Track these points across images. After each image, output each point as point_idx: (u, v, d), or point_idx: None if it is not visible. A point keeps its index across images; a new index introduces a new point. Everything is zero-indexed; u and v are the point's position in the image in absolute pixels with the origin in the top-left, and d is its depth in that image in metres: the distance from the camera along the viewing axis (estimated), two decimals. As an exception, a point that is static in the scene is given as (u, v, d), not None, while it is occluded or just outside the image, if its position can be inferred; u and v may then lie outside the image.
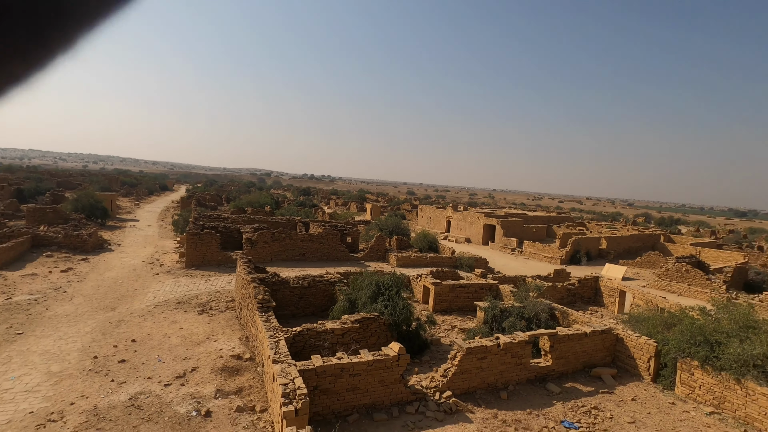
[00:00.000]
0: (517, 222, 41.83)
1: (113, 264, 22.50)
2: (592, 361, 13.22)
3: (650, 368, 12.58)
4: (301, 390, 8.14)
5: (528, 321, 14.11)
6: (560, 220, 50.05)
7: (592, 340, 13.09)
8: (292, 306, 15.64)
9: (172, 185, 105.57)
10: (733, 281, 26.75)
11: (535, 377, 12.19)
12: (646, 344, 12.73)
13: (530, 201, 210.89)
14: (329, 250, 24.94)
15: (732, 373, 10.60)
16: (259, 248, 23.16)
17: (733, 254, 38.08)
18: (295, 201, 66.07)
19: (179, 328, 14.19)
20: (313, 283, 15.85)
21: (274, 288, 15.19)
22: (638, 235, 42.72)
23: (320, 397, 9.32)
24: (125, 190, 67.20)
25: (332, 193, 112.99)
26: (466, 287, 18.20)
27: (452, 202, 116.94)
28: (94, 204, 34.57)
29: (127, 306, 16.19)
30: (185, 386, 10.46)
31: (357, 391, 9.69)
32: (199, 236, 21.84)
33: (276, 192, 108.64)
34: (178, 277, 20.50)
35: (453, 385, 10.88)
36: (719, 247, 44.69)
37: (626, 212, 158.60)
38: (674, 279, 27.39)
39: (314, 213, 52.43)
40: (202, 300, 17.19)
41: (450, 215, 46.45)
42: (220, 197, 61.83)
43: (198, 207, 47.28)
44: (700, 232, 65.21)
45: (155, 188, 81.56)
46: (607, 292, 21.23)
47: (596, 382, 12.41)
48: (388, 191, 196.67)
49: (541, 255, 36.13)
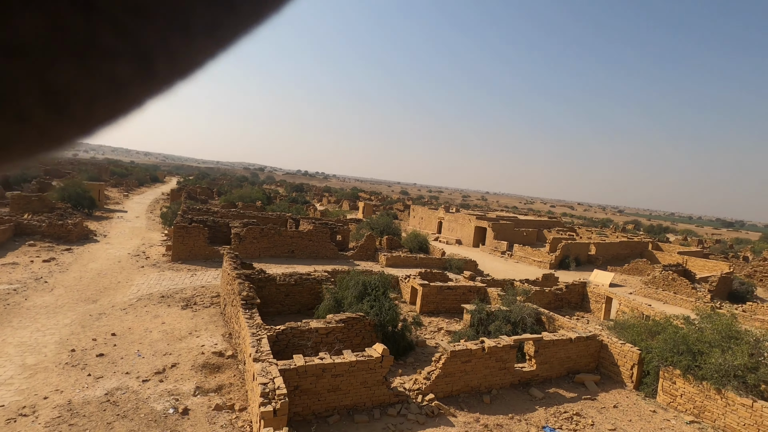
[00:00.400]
0: (508, 225, 41.96)
1: (98, 255, 22.11)
2: (576, 367, 13.25)
3: (633, 376, 12.64)
4: (280, 390, 8.02)
5: (514, 325, 14.10)
6: (551, 225, 50.33)
7: (576, 346, 13.12)
8: (278, 303, 15.47)
9: (164, 177, 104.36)
10: (717, 290, 27.08)
11: (519, 382, 12.18)
12: (629, 352, 12.78)
13: (522, 205, 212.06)
14: (319, 248, 24.76)
15: (713, 383, 10.67)
16: (247, 244, 22.92)
17: (718, 264, 38.56)
18: (287, 197, 65.69)
19: (161, 323, 13.95)
20: (300, 280, 15.69)
21: (259, 285, 15.01)
22: (627, 242, 43.09)
23: (301, 398, 9.20)
24: (115, 180, 66.26)
25: (325, 191, 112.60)
26: (454, 289, 18.16)
27: (445, 203, 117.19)
28: (81, 193, 33.97)
29: (109, 298, 15.89)
30: (164, 382, 10.26)
31: (339, 391, 9.58)
32: (187, 229, 21.54)
33: (268, 187, 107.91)
34: (163, 271, 20.19)
35: (436, 387, 10.82)
36: (706, 256, 45.27)
37: (616, 219, 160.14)
38: (660, 287, 27.65)
39: (306, 210, 52.13)
40: (187, 295, 16.94)
41: (441, 216, 46.47)
42: (212, 191, 61.25)
43: (188, 200, 46.75)
44: (687, 240, 66.05)
45: (146, 179, 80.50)
46: (594, 298, 21.34)
47: (579, 389, 12.44)
48: (382, 190, 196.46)
49: (531, 259, 36.27)
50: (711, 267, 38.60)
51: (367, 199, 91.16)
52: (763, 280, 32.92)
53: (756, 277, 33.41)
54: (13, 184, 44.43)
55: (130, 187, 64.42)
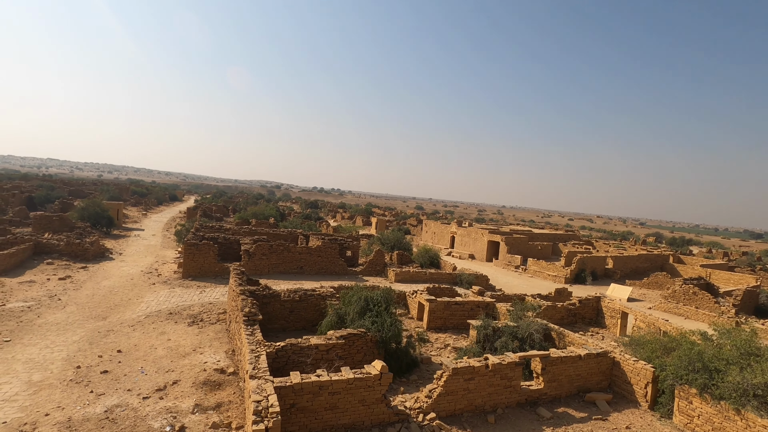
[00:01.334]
0: (521, 239, 41.31)
1: (111, 273, 22.60)
2: (586, 385, 12.74)
3: (647, 395, 12.07)
4: (273, 408, 7.91)
5: (521, 341, 13.70)
6: (566, 238, 49.33)
7: (586, 364, 12.63)
8: (283, 320, 15.45)
9: (182, 196, 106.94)
10: (742, 305, 25.89)
11: (525, 401, 11.76)
12: (643, 369, 12.24)
13: (539, 218, 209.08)
14: (327, 264, 24.78)
15: (731, 403, 10.09)
16: (256, 260, 23.10)
17: (744, 277, 37.00)
18: (301, 214, 66.33)
19: (167, 340, 14.06)
20: (305, 296, 15.66)
21: (264, 301, 15.04)
22: (646, 255, 41.82)
23: (297, 416, 9.06)
24: (134, 199, 68.16)
25: (340, 207, 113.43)
26: (462, 305, 17.84)
27: (459, 217, 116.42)
28: (100, 213, 35.02)
29: (118, 315, 16.16)
30: (164, 400, 10.27)
31: (336, 410, 9.41)
32: (197, 247, 21.88)
33: (284, 204, 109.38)
34: (173, 288, 20.48)
35: (438, 406, 10.53)
36: (731, 269, 43.50)
37: (638, 231, 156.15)
38: (681, 301, 26.62)
39: (318, 226, 52.48)
40: (194, 311, 17.09)
41: (454, 231, 46.09)
42: (227, 208, 62.36)
43: (203, 218, 47.67)
44: (712, 253, 63.72)
45: (165, 198, 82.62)
46: (608, 314, 20.65)
47: (590, 408, 11.93)
48: (397, 206, 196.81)
49: (546, 273, 35.50)
50: (736, 280, 37.06)
51: (380, 214, 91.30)
52: (792, 293, 31.29)
53: (785, 290, 31.80)
54: (38, 205, 46.16)
55: (149, 206, 66.15)
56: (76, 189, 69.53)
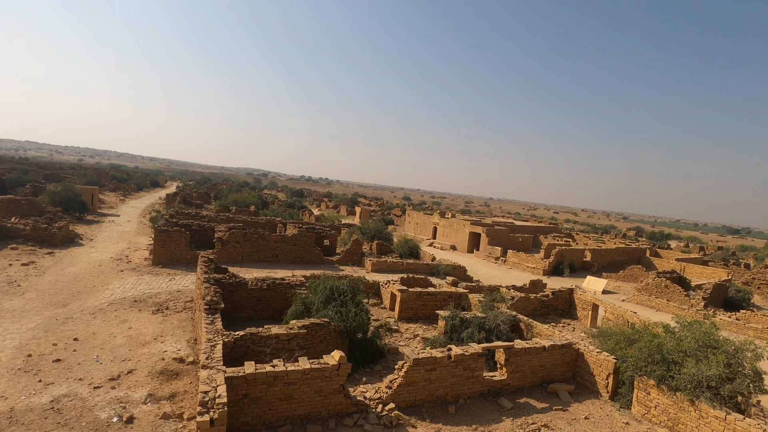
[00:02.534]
0: (503, 231, 41.51)
1: (79, 259, 21.97)
2: (550, 376, 12.81)
3: (608, 386, 12.19)
4: (220, 399, 7.70)
5: (488, 332, 13.70)
6: (548, 231, 49.79)
7: (551, 355, 12.69)
8: (250, 309, 15.18)
9: (164, 182, 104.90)
10: (712, 298, 26.46)
11: (488, 391, 11.77)
12: (605, 360, 12.34)
13: (525, 211, 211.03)
14: (303, 253, 24.48)
15: (686, 395, 10.22)
16: (230, 248, 22.68)
17: (717, 271, 37.88)
18: (284, 202, 65.60)
19: (128, 328, 13.70)
20: (273, 285, 15.39)
21: (230, 289, 14.74)
22: (624, 248, 42.47)
23: (250, 406, 8.87)
24: (113, 184, 66.55)
25: (325, 196, 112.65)
26: (434, 295, 17.79)
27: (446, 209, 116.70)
28: (72, 197, 34.01)
29: (80, 303, 15.68)
30: (116, 389, 9.97)
31: (292, 400, 9.25)
32: (168, 233, 21.36)
33: (268, 193, 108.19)
34: (142, 275, 19.99)
35: (398, 397, 10.45)
36: (705, 263, 44.53)
37: (620, 225, 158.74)
38: (653, 294, 27.09)
39: (301, 215, 51.98)
40: (161, 299, 16.70)
41: (436, 222, 46.09)
42: (209, 195, 61.31)
43: (183, 204, 46.78)
44: (689, 247, 65.14)
45: (145, 184, 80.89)
46: (580, 305, 20.86)
47: (552, 399, 12.00)
48: (385, 196, 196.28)
49: (524, 265, 35.79)
50: (709, 274, 37.92)
51: (366, 204, 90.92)
52: (761, 287, 32.20)
53: (754, 284, 32.69)
54: (8, 188, 44.67)
55: (128, 192, 64.67)
56: (52, 173, 67.49)
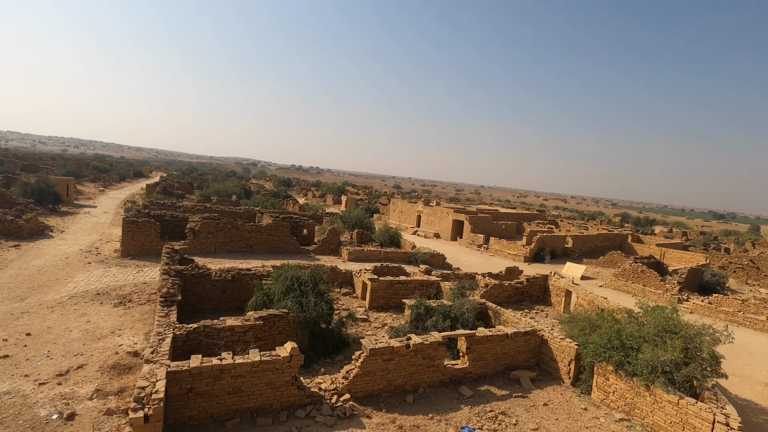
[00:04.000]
0: (486, 218, 41.48)
1: (46, 251, 21.42)
2: (514, 363, 12.79)
3: (570, 372, 12.20)
4: (157, 394, 7.47)
5: (453, 320, 13.61)
6: (532, 218, 49.92)
7: (514, 342, 12.64)
8: (214, 300, 14.90)
9: (149, 172, 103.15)
10: (687, 282, 26.73)
11: (449, 380, 11.70)
12: (567, 347, 12.32)
13: (515, 198, 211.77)
14: (279, 242, 24.16)
15: (642, 380, 10.23)
16: (202, 239, 22.28)
17: (696, 256, 38.32)
18: (269, 191, 64.90)
19: (86, 321, 13.35)
20: (239, 276, 15.11)
21: (193, 281, 14.44)
22: (605, 234, 42.75)
23: (196, 401, 8.66)
24: (94, 175, 65.20)
25: (314, 185, 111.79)
26: (405, 284, 17.65)
27: (435, 197, 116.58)
28: (45, 188, 33.16)
29: (39, 296, 15.26)
30: (62, 385, 9.69)
31: (241, 393, 9.05)
32: (137, 224, 20.88)
33: (256, 182, 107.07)
34: (109, 267, 19.56)
35: (354, 387, 10.32)
36: (685, 248, 45.05)
37: (608, 211, 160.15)
38: (630, 279, 27.30)
39: (285, 204, 51.48)
40: (125, 291, 16.33)
41: (420, 210, 45.92)
42: (192, 185, 60.36)
43: (164, 195, 45.98)
44: (672, 232, 65.91)
45: (128, 174, 79.44)
46: (554, 292, 20.91)
47: (513, 386, 11.98)
48: (375, 184, 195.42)
49: (506, 252, 35.85)
50: (688, 258, 38.37)
51: (354, 193, 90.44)
52: (736, 271, 32.66)
53: (730, 269, 33.15)
54: (-19, 180, 43.40)
55: (108, 183, 63.44)
56: (30, 164, 65.86)
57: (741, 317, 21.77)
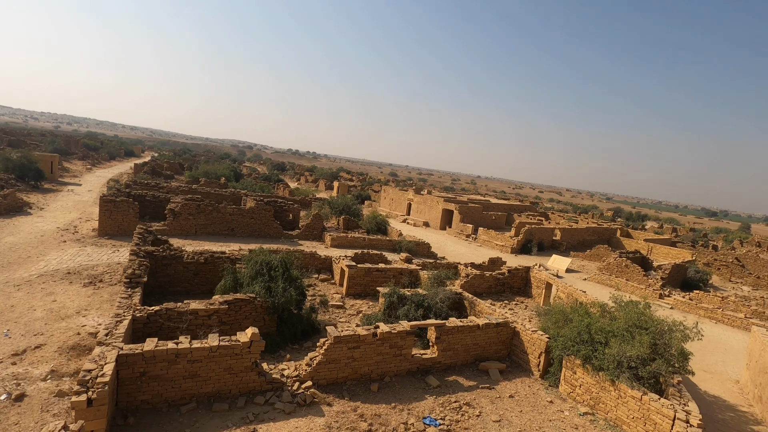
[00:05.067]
0: (476, 209, 41.30)
1: (21, 228, 21.03)
2: (485, 354, 12.71)
3: (540, 364, 12.14)
4: (103, 378, 7.26)
5: (426, 310, 13.48)
6: (522, 209, 49.83)
7: (485, 333, 12.54)
8: (186, 283, 14.66)
9: (141, 151, 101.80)
10: (670, 278, 26.81)
11: (417, 369, 11.60)
12: (538, 339, 12.24)
13: (511, 189, 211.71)
14: (261, 226, 23.86)
15: (608, 374, 10.16)
16: (182, 220, 21.94)
17: (682, 252, 38.45)
18: (261, 175, 64.27)
19: (52, 301, 13.09)
20: (212, 259, 14.85)
21: (164, 263, 14.17)
22: (594, 228, 42.76)
23: (150, 384, 8.48)
24: (82, 152, 64.19)
25: (308, 170, 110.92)
26: (384, 272, 17.49)
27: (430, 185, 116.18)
28: (27, 164, 32.52)
29: (7, 274, 14.95)
30: (16, 365, 9.47)
31: (198, 378, 8.88)
32: (115, 203, 20.49)
33: (250, 165, 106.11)
34: (85, 246, 19.23)
35: (318, 375, 10.18)
36: (673, 244, 45.21)
37: (602, 206, 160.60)
38: (614, 273, 27.32)
39: (275, 188, 51.02)
40: (98, 271, 16.05)
41: (411, 198, 45.66)
42: (182, 166, 59.64)
43: (151, 175, 45.37)
44: (662, 228, 66.17)
45: (119, 153, 78.35)
46: (535, 284, 20.85)
47: (482, 377, 11.91)
48: (371, 171, 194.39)
49: (494, 243, 35.77)
50: (675, 254, 38.49)
51: (347, 179, 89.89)
52: (720, 269, 32.81)
53: (714, 266, 33.30)
54: (-36, 154, 42.52)
55: (97, 161, 62.52)
56: (17, 139, 64.67)
57: (720, 314, 21.86)
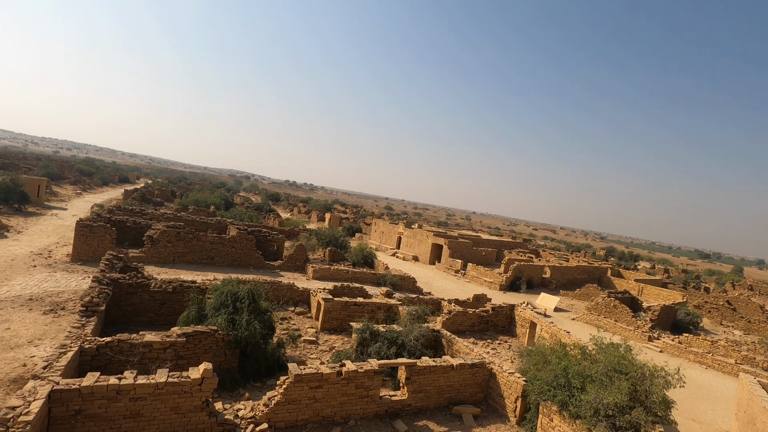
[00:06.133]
0: (465, 244, 41.01)
1: (-7, 252, 20.40)
2: (459, 397, 12.03)
3: (516, 409, 11.47)
4: (25, 416, 6.64)
5: (400, 347, 12.88)
6: (513, 246, 49.57)
7: (459, 374, 11.92)
8: (152, 313, 14.04)
9: (136, 178, 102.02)
10: (659, 320, 26.23)
11: (385, 412, 10.90)
12: (514, 382, 11.63)
13: (506, 226, 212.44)
14: (242, 256, 23.36)
15: (585, 422, 9.54)
16: (160, 248, 21.43)
17: (673, 293, 37.98)
18: (253, 204, 64.12)
19: (5, 329, 12.37)
20: (180, 288, 14.30)
21: (129, 291, 13.61)
22: (584, 266, 42.41)
23: (86, 424, 7.81)
24: (74, 177, 64.09)
25: (302, 201, 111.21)
26: (362, 306, 16.92)
27: (424, 220, 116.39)
28: (12, 187, 32.19)
29: (-35, 299, 14.28)
30: (-53, 399, 8.76)
31: (140, 418, 8.21)
32: (91, 228, 20.04)
33: (245, 194, 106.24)
34: (55, 271, 18.59)
35: (275, 416, 9.49)
36: (664, 285, 44.79)
37: (596, 244, 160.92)
38: (602, 314, 26.76)
39: (266, 218, 50.73)
40: (62, 298, 15.37)
41: (401, 232, 45.40)
42: (174, 194, 59.50)
43: (140, 202, 45.08)
44: (654, 269, 65.92)
45: (113, 179, 78.37)
46: (520, 322, 20.26)
47: (454, 422, 11.20)
48: (367, 204, 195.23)
49: (483, 279, 35.24)
50: (665, 296, 38.01)
51: (342, 211, 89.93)
52: (711, 311, 32.29)
53: (705, 308, 32.79)
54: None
55: (89, 186, 62.34)
56: (11, 162, 64.63)
57: (710, 359, 21.21)
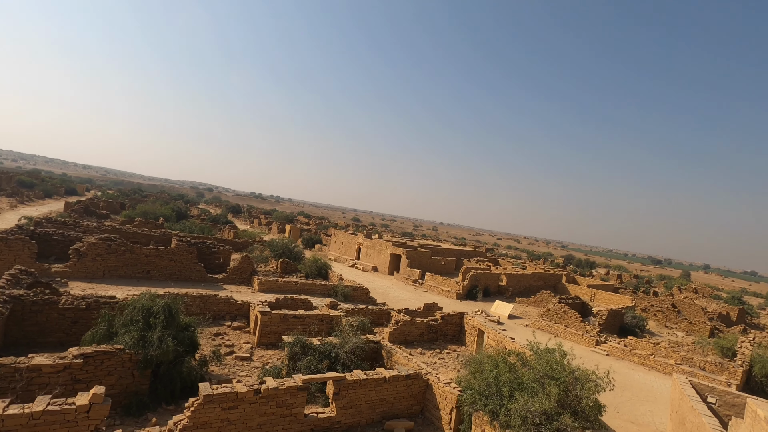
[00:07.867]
0: (424, 253, 40.93)
1: None
2: (394, 411, 11.50)
3: (451, 422, 11.05)
4: None
5: (333, 361, 12.25)
6: (473, 255, 50.06)
7: (393, 387, 11.41)
8: (62, 333, 12.72)
9: (86, 190, 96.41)
10: (607, 324, 26.85)
11: (311, 431, 10.20)
12: (449, 393, 11.24)
13: (471, 236, 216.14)
14: (181, 269, 22.03)
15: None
16: (88, 261, 19.85)
17: (623, 298, 39.30)
18: (209, 216, 61.79)
19: None
20: (96, 305, 13.08)
21: (34, 308, 12.29)
22: (540, 274, 43.27)
23: (-63, 465, 6.71)
24: (12, 189, 59.65)
25: (266, 213, 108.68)
26: (302, 318, 16.17)
27: (390, 231, 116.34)
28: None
29: None
30: None
31: (11, 454, 7.16)
32: (7, 242, 18.30)
33: (204, 207, 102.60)
34: (-41, 290, 16.74)
35: (181, 443, 8.61)
36: (616, 290, 46.35)
37: (557, 252, 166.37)
38: (553, 319, 27.11)
39: (221, 230, 48.89)
40: (-40, 319, 13.75)
41: (360, 242, 44.84)
42: (123, 206, 56.46)
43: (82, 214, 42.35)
44: (608, 275, 68.42)
45: (57, 191, 73.62)
46: (469, 331, 20.06)
47: (386, 438, 10.64)
48: (334, 216, 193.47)
49: (440, 288, 35.12)
50: (616, 300, 39.27)
51: (305, 223, 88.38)
52: (656, 314, 33.52)
53: (651, 311, 34.01)
54: None
55: (29, 198, 58.13)
56: (-62, 173, 59.49)
57: (652, 361, 21.76)
